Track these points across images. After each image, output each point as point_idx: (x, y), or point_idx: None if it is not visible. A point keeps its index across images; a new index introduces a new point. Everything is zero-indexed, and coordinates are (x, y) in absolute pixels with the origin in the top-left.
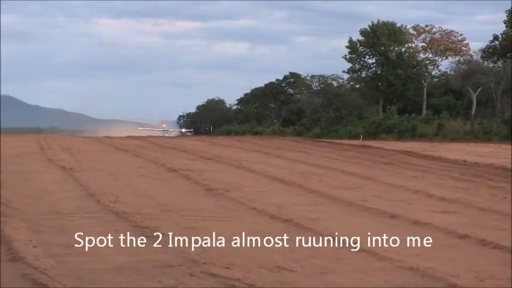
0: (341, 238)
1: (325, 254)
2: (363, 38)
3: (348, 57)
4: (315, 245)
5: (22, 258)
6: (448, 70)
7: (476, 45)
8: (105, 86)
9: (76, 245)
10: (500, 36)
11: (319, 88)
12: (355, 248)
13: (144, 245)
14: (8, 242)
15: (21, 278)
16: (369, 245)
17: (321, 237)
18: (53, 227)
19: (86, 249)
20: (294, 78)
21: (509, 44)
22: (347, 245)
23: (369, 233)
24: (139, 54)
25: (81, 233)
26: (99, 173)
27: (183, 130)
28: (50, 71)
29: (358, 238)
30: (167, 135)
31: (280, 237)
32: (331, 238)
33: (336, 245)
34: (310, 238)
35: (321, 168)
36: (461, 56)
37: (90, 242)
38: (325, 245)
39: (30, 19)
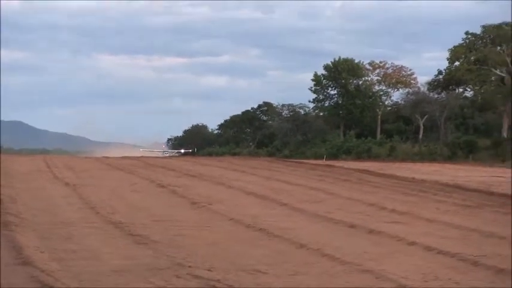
0: (308, 245)
1: (295, 258)
2: (326, 72)
3: (313, 88)
4: (285, 251)
5: (31, 262)
6: (399, 100)
7: (423, 78)
8: (104, 112)
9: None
10: (444, 71)
11: (289, 115)
12: (320, 253)
13: (137, 251)
14: (19, 248)
15: (30, 279)
16: (331, 251)
17: (290, 244)
18: (59, 235)
19: (87, 255)
20: (267, 107)
21: (451, 77)
22: (313, 251)
23: (332, 240)
24: (134, 86)
25: (84, 240)
26: (99, 188)
27: (182, 151)
28: (56, 100)
29: (323, 245)
30: (166, 155)
31: (255, 244)
32: (299, 245)
33: (304, 251)
34: (281, 245)
35: (290, 185)
36: (410, 88)
37: (90, 248)
38: (294, 251)
39: (40, 55)
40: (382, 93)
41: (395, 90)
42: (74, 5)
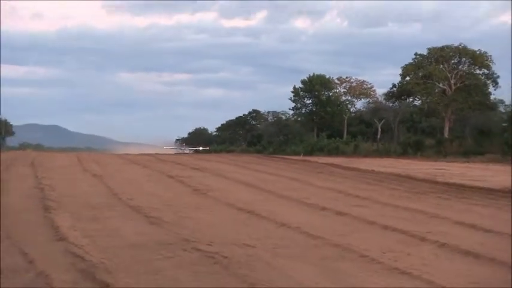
0: (288, 224)
1: (277, 235)
2: (303, 86)
3: (292, 98)
4: (270, 229)
5: (66, 238)
6: (361, 108)
7: (380, 90)
8: (123, 118)
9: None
10: (397, 84)
11: (273, 120)
12: (298, 230)
13: (150, 229)
14: (56, 227)
15: (65, 252)
16: (307, 229)
17: (274, 224)
18: (88, 217)
19: (110, 232)
20: (255, 114)
21: (403, 90)
22: (292, 229)
23: (307, 220)
24: (147, 97)
25: (108, 221)
26: (120, 179)
27: (200, 148)
28: (85, 108)
29: (300, 224)
30: (186, 152)
31: (245, 224)
32: (281, 224)
33: (285, 229)
34: (266, 224)
35: (274, 176)
36: (370, 98)
37: (111, 226)
38: (277, 229)
39: (72, 72)
40: (347, 102)
41: (359, 100)
42: (99, 33)
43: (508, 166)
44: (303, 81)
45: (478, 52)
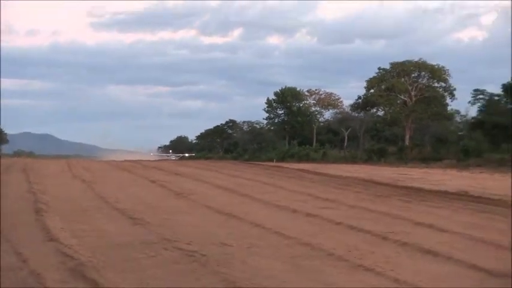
0: (262, 225)
1: (252, 235)
2: (275, 97)
3: (266, 109)
4: (245, 229)
5: (57, 239)
6: (329, 118)
7: (347, 101)
8: (111, 127)
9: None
10: (362, 96)
11: (248, 129)
12: (271, 231)
13: (135, 230)
14: (47, 229)
15: (56, 252)
16: (279, 229)
17: (249, 224)
18: (77, 219)
19: (98, 233)
20: (232, 123)
21: (367, 101)
22: (266, 229)
23: (279, 221)
24: (132, 107)
25: (95, 222)
26: (106, 183)
27: (186, 154)
28: (75, 118)
29: (273, 225)
30: (173, 158)
31: (222, 225)
32: (255, 224)
33: (259, 229)
34: (242, 225)
35: (249, 180)
36: (338, 109)
37: (98, 227)
38: (252, 229)
39: (64, 84)
40: (317, 112)
41: (327, 110)
42: (89, 48)
43: (464, 171)
44: (275, 93)
45: (436, 66)
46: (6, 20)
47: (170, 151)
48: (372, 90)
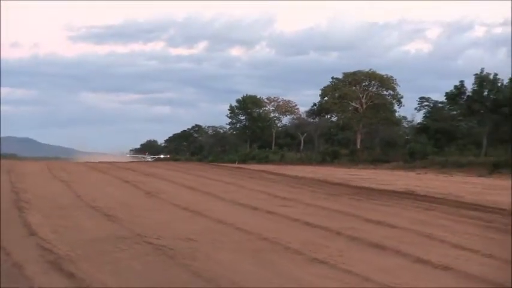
0: (224, 221)
1: (216, 230)
2: (237, 104)
3: (229, 115)
4: (209, 226)
5: (37, 234)
6: (287, 123)
7: (303, 108)
8: (86, 131)
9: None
10: (317, 103)
11: (212, 133)
12: (233, 227)
13: (109, 226)
14: (28, 224)
15: (36, 246)
16: (240, 225)
17: (213, 221)
18: (56, 215)
19: (75, 228)
20: (197, 128)
21: (322, 108)
22: (228, 225)
23: (241, 218)
24: (106, 113)
25: (73, 219)
26: (83, 183)
27: (162, 156)
28: (54, 123)
29: (235, 221)
30: (149, 159)
31: (188, 221)
32: (219, 221)
33: (222, 225)
34: (206, 221)
35: (213, 180)
36: (295, 115)
37: (75, 223)
38: (215, 225)
39: (44, 92)
40: (275, 118)
41: (285, 116)
42: (66, 59)
43: (411, 172)
44: (237, 101)
45: (385, 76)
46: None
47: (146, 153)
48: (326, 98)
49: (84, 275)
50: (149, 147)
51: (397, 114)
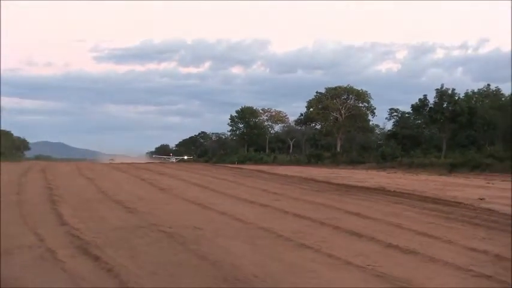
0: (227, 213)
1: (219, 221)
2: (237, 114)
3: (229, 123)
4: (213, 216)
5: (67, 223)
6: (278, 130)
7: (292, 118)
8: (110, 137)
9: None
10: (304, 114)
11: (216, 139)
12: (233, 217)
13: (128, 217)
14: (60, 215)
15: (66, 233)
16: (240, 216)
17: (216, 212)
18: (83, 207)
19: (99, 219)
20: (203, 134)
21: (308, 117)
22: (229, 216)
23: (240, 210)
24: (127, 122)
25: (97, 210)
26: (107, 181)
27: (185, 157)
28: (82, 130)
29: (235, 213)
30: (174, 160)
31: (195, 213)
32: (221, 213)
33: (224, 216)
34: (210, 213)
35: (217, 179)
36: (285, 123)
37: (99, 214)
38: (218, 216)
39: (72, 104)
40: (268, 126)
41: (276, 124)
42: (93, 76)
43: (382, 172)
44: (237, 111)
45: (361, 91)
46: (29, 54)
47: (171, 154)
48: (311, 109)
49: (107, 259)
50: (162, 151)
51: (370, 123)
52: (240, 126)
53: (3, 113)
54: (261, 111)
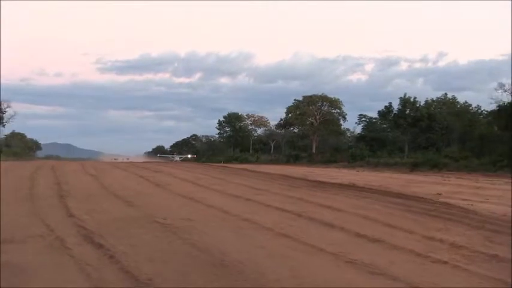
0: (214, 206)
1: (207, 213)
2: (224, 119)
3: (218, 127)
4: (202, 209)
5: (74, 215)
6: (261, 133)
7: (273, 122)
8: (112, 139)
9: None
10: (284, 119)
11: (206, 141)
12: (221, 210)
13: (127, 209)
14: (68, 208)
15: (73, 224)
16: (227, 209)
17: (205, 206)
18: (88, 201)
19: (102, 211)
20: (195, 136)
21: (287, 122)
22: (217, 209)
23: (226, 203)
24: (127, 126)
25: (100, 204)
26: (108, 177)
27: (189, 156)
28: (87, 132)
29: (222, 205)
30: (178, 159)
31: (187, 205)
32: (210, 206)
33: (212, 209)
34: (200, 206)
35: (206, 175)
36: (267, 127)
37: (102, 207)
38: (207, 209)
39: (80, 110)
40: (252, 130)
41: (259, 128)
42: (96, 85)
43: (352, 170)
44: (224, 117)
45: (333, 99)
46: (41, 65)
47: (175, 153)
48: (290, 115)
49: (109, 246)
50: (159, 151)
51: (342, 127)
52: (227, 129)
53: (18, 117)
54: (245, 116)
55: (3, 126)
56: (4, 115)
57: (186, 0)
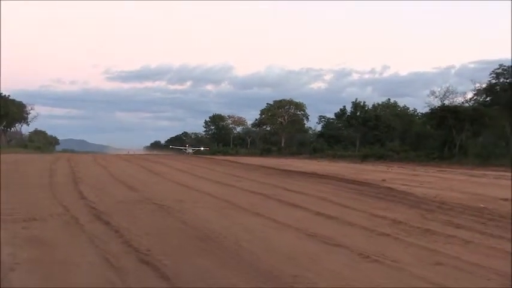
0: (201, 190)
1: (196, 196)
2: (210, 119)
3: (204, 126)
4: (196, 195)
5: (85, 198)
6: (240, 131)
7: (250, 122)
8: (118, 136)
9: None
10: (258, 119)
11: (195, 137)
12: (207, 193)
13: (130, 193)
14: (80, 192)
15: (85, 205)
16: (216, 194)
17: (199, 192)
18: (97, 187)
19: (109, 194)
20: (185, 134)
21: (261, 121)
22: (204, 193)
23: (215, 190)
24: (130, 125)
25: (107, 189)
26: (115, 167)
27: (202, 148)
28: (98, 130)
29: (212, 192)
30: (191, 151)
31: (182, 192)
32: (204, 192)
33: (205, 195)
34: (193, 192)
35: (195, 166)
36: (244, 126)
37: (109, 191)
38: (201, 195)
39: (92, 112)
40: (232, 128)
41: (239, 127)
42: (104, 91)
43: (314, 161)
44: (210, 117)
45: (299, 102)
46: (58, 74)
47: (187, 145)
48: (263, 116)
49: (115, 223)
50: (156, 146)
51: (306, 126)
52: (212, 128)
53: (40, 118)
54: (227, 117)
55: (28, 124)
56: (29, 116)
57: (179, 22)
